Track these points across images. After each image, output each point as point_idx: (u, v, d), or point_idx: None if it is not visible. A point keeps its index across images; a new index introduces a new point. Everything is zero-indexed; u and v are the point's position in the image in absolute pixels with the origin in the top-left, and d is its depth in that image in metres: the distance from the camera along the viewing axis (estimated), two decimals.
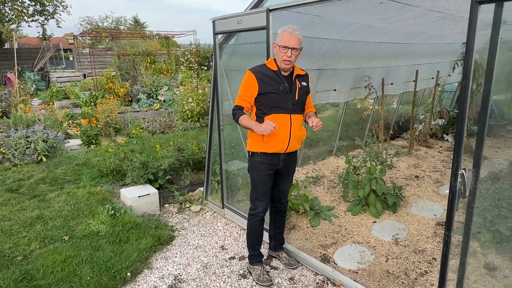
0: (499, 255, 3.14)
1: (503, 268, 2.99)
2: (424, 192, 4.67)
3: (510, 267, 2.99)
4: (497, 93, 7.19)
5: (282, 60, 2.48)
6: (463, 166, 1.95)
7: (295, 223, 3.88)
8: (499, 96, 8.84)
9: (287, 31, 2.44)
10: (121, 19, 35.42)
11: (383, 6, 2.73)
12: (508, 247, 3.16)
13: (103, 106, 8.07)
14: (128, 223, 3.69)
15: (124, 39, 16.63)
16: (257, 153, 2.67)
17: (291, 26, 2.47)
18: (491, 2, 1.68)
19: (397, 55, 5.61)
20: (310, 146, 6.34)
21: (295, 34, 2.43)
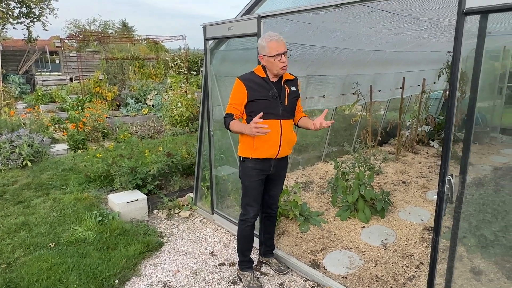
0: (484, 260, 3.21)
1: (488, 272, 3.05)
2: (411, 198, 4.75)
3: (495, 271, 3.05)
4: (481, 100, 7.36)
5: (280, 67, 2.49)
6: (450, 172, 2.00)
7: (285, 228, 3.89)
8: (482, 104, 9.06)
9: (273, 40, 2.46)
10: (109, 22, 35.13)
11: (372, 15, 2.78)
12: (493, 252, 3.23)
13: (91, 110, 7.97)
14: (116, 230, 3.64)
15: (112, 42, 16.49)
16: (248, 159, 2.68)
17: (270, 34, 2.49)
18: (477, 13, 1.73)
19: (384, 63, 5.71)
20: (300, 151, 6.38)
21: (280, 39, 2.47)
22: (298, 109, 2.83)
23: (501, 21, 3.10)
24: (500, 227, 3.46)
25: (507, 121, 8.31)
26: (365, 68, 5.49)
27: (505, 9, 1.65)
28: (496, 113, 8.34)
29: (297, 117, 2.82)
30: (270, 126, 2.54)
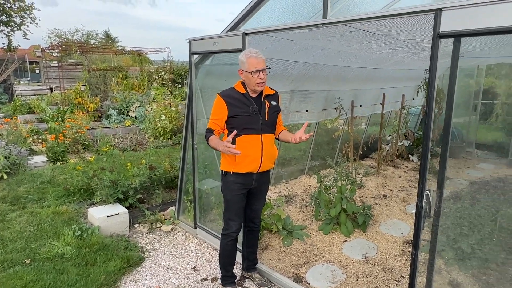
0: (461, 272, 3.29)
1: (465, 284, 3.12)
2: (392, 211, 4.83)
3: (472, 283, 3.13)
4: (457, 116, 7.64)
5: (256, 83, 2.55)
6: (428, 187, 2.06)
7: (268, 242, 3.88)
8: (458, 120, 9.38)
9: (253, 56, 2.51)
10: (92, 33, 34.82)
11: (353, 34, 2.88)
12: (470, 264, 3.32)
13: (71, 121, 7.82)
14: (95, 244, 3.55)
15: (95, 53, 16.32)
16: (230, 173, 2.69)
17: (251, 50, 2.55)
18: (450, 37, 1.83)
19: (365, 79, 5.88)
20: (283, 165, 6.42)
21: (260, 56, 2.53)
22: (279, 123, 2.88)
23: (473, 43, 3.27)
24: (476, 240, 3.57)
25: (481, 137, 8.63)
26: (346, 84, 5.64)
27: (476, 34, 1.75)
28: (472, 128, 8.65)
29: (278, 130, 2.87)
30: (251, 141, 2.58)
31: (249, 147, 2.59)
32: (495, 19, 1.67)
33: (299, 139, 2.55)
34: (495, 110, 8.85)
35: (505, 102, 8.46)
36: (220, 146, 2.46)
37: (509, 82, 8.36)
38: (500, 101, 8.73)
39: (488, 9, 1.69)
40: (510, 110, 8.11)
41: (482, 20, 1.71)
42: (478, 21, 1.72)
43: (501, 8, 1.65)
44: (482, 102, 8.73)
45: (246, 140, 2.58)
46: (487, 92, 8.77)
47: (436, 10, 1.84)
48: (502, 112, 8.52)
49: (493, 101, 9.05)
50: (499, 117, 8.72)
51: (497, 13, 1.66)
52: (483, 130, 8.87)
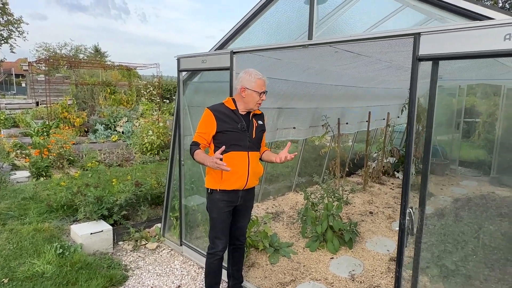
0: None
1: None
2: (378, 228, 4.86)
3: None
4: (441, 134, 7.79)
5: (257, 103, 2.63)
6: (412, 204, 2.10)
7: (254, 260, 3.85)
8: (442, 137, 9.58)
9: (262, 79, 2.62)
10: (81, 47, 34.80)
11: (338, 54, 2.97)
12: (454, 281, 3.35)
13: (57, 136, 7.71)
14: (77, 263, 3.46)
15: (83, 68, 16.27)
16: (216, 191, 2.68)
17: (257, 72, 2.63)
18: (429, 60, 1.91)
19: (351, 97, 6.00)
20: (270, 181, 6.43)
21: (265, 79, 2.64)
22: (262, 143, 2.91)
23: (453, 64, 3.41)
24: (460, 257, 3.61)
25: (464, 154, 8.84)
26: (333, 102, 5.75)
27: (452, 57, 1.83)
28: (455, 146, 8.87)
29: (261, 150, 2.89)
30: (238, 158, 2.60)
31: (236, 164, 2.60)
32: (470, 44, 1.75)
33: (284, 159, 2.60)
34: (476, 128, 9.12)
35: (486, 121, 8.74)
36: (208, 162, 2.44)
37: (489, 101, 8.65)
38: (481, 119, 9.01)
39: (464, 34, 1.78)
40: (490, 129, 8.37)
41: (458, 44, 1.79)
42: (455, 46, 1.80)
43: (476, 34, 1.74)
44: (464, 121, 8.99)
45: (234, 157, 2.60)
46: (469, 111, 9.05)
47: (415, 34, 1.92)
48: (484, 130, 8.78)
49: (475, 120, 9.34)
50: (481, 135, 8.97)
51: (472, 38, 1.75)
52: (466, 147, 9.10)
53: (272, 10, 3.09)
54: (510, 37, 1.63)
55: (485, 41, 1.70)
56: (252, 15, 3.11)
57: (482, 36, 1.70)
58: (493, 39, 1.68)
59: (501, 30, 1.65)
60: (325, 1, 2.71)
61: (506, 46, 1.64)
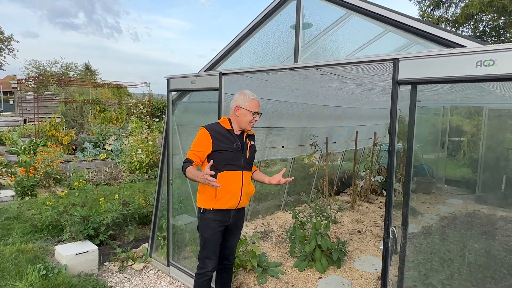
0: None
1: None
2: (366, 247, 4.88)
3: None
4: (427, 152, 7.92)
5: (250, 123, 2.68)
6: (396, 222, 2.15)
7: (242, 280, 3.82)
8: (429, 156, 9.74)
9: (256, 100, 2.69)
10: (71, 64, 34.73)
11: (323, 77, 3.07)
12: None
13: (44, 154, 7.62)
14: (61, 285, 3.38)
15: (73, 86, 16.24)
16: (209, 210, 2.69)
17: (252, 93, 2.71)
18: (408, 84, 2.00)
19: (339, 117, 6.12)
20: (260, 200, 6.43)
21: (259, 101, 2.72)
22: None
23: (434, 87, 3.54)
24: (446, 276, 3.65)
25: (450, 173, 9.01)
26: (321, 121, 5.85)
27: (430, 82, 1.93)
28: (441, 165, 9.04)
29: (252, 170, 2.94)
30: (233, 177, 2.63)
31: (230, 183, 2.63)
32: (445, 69, 1.85)
33: (278, 182, 2.69)
34: (462, 148, 9.34)
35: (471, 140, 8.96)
36: (199, 178, 2.43)
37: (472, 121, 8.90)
38: (466, 138, 9.24)
39: (439, 61, 1.88)
40: (474, 148, 8.57)
41: (434, 70, 1.89)
42: (431, 71, 1.90)
43: (450, 60, 1.84)
44: (449, 140, 9.21)
45: (228, 176, 2.62)
46: (454, 130, 9.28)
47: (394, 59, 2.02)
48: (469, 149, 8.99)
49: (459, 139, 9.57)
50: (466, 154, 9.18)
51: (447, 65, 1.85)
52: (451, 166, 9.28)
53: (260, 34, 3.20)
54: (481, 64, 1.73)
55: (459, 67, 1.80)
56: (241, 38, 3.22)
57: (456, 62, 1.81)
58: (466, 66, 1.78)
59: (473, 57, 1.75)
60: (310, 26, 2.82)
61: (477, 72, 1.74)
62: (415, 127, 2.02)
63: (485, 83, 2.01)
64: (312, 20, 2.88)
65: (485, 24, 14.17)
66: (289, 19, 2.93)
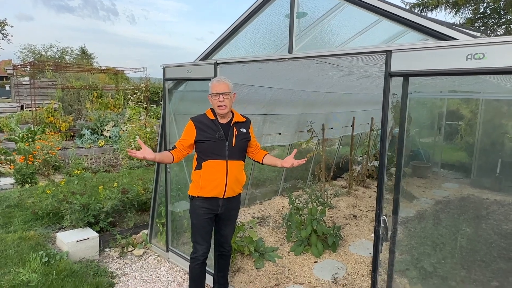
0: None
1: None
2: (361, 231, 4.99)
3: None
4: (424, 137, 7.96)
5: (217, 106, 2.69)
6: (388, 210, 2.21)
7: (240, 265, 3.92)
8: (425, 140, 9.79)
9: (215, 80, 2.73)
10: (67, 49, 34.28)
11: (318, 65, 3.08)
12: (432, 283, 3.48)
13: (42, 142, 7.64)
14: (63, 271, 3.48)
15: (69, 71, 16.10)
16: (195, 197, 2.78)
17: (218, 77, 2.77)
18: (400, 76, 2.02)
19: (335, 103, 6.14)
20: (257, 186, 6.51)
21: (222, 81, 2.70)
22: (256, 148, 2.98)
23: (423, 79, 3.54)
24: (438, 259, 3.75)
25: (446, 157, 9.07)
26: (317, 107, 5.87)
27: (421, 74, 1.95)
28: (437, 149, 9.10)
29: (260, 155, 2.97)
30: (216, 167, 2.69)
31: (213, 172, 2.69)
32: (436, 62, 1.87)
33: (291, 165, 2.73)
34: (459, 131, 9.38)
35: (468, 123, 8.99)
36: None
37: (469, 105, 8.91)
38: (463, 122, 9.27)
39: (431, 53, 1.89)
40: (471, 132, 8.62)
41: (426, 62, 1.91)
42: (423, 63, 1.92)
43: (441, 53, 1.85)
44: (446, 123, 9.24)
45: (211, 165, 2.69)
46: (451, 114, 9.30)
47: (387, 51, 2.04)
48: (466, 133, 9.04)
49: (457, 122, 9.60)
50: (463, 138, 9.23)
51: (438, 57, 1.86)
52: (448, 150, 9.34)
53: (256, 22, 3.18)
54: (472, 57, 1.75)
55: (450, 60, 1.82)
56: (236, 27, 3.20)
57: (447, 55, 1.82)
58: (456, 59, 1.79)
59: (463, 50, 1.77)
60: (305, 15, 2.81)
61: (468, 66, 1.76)
62: (406, 118, 2.05)
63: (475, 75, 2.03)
64: (307, 9, 2.87)
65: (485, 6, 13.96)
66: (284, 8, 2.91)
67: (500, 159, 7.47)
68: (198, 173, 2.75)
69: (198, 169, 2.75)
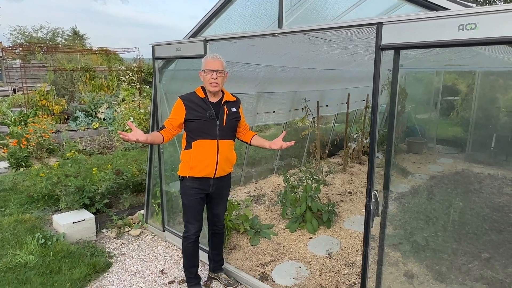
0: (416, 264, 3.51)
1: (419, 275, 3.34)
2: (356, 207, 5.04)
3: (425, 273, 3.35)
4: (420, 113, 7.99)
5: (209, 83, 2.63)
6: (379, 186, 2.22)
7: (235, 243, 3.97)
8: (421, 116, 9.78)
9: (209, 57, 2.64)
10: (58, 30, 33.46)
11: (310, 40, 3.01)
12: (424, 256, 3.55)
13: (35, 125, 7.57)
14: (60, 252, 3.51)
15: (61, 53, 15.78)
16: (186, 177, 2.76)
17: (212, 54, 2.68)
18: (391, 49, 1.98)
19: (330, 80, 6.07)
20: (253, 165, 6.53)
21: (217, 59, 2.63)
22: (245, 129, 2.96)
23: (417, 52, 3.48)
24: (430, 233, 3.81)
25: (442, 132, 9.10)
26: (312, 85, 5.80)
27: (413, 47, 1.90)
28: (433, 125, 9.11)
29: (248, 136, 2.95)
30: (207, 146, 2.66)
31: (204, 152, 2.66)
32: (428, 34, 1.82)
33: (280, 147, 2.69)
34: (455, 107, 9.37)
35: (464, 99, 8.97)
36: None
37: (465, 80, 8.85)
38: (460, 97, 9.24)
39: (422, 25, 1.84)
40: (467, 107, 8.60)
41: (417, 34, 1.86)
42: (414, 35, 1.87)
43: (433, 24, 1.80)
44: (443, 99, 9.21)
45: (202, 145, 2.66)
46: (448, 89, 9.26)
47: (378, 24, 1.98)
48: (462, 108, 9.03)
49: (454, 98, 9.57)
50: (459, 113, 9.23)
51: (429, 29, 1.81)
52: (443, 125, 9.36)
53: None
54: (464, 28, 1.70)
55: (441, 32, 1.77)
56: (226, 1, 3.10)
57: (438, 26, 1.77)
58: (448, 30, 1.75)
59: (455, 20, 1.72)
60: None
61: (460, 36, 1.72)
62: (397, 93, 2.02)
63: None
64: None
65: None
66: None
67: (495, 134, 7.51)
68: (188, 153, 2.72)
69: (188, 148, 2.72)
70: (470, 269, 3.39)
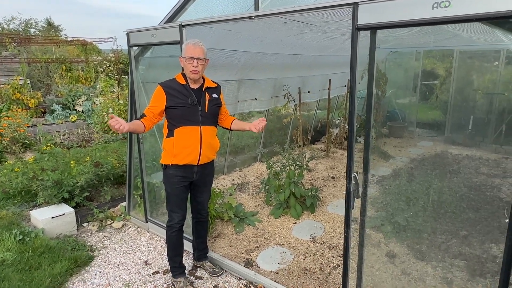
0: (398, 244, 3.58)
1: (401, 254, 3.42)
2: (339, 192, 5.10)
3: (406, 252, 3.43)
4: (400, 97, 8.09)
5: (190, 70, 2.57)
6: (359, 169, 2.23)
7: (220, 231, 3.96)
8: (401, 100, 9.90)
9: (191, 43, 2.56)
10: (31, 21, 32.18)
11: (288, 24, 2.97)
12: (405, 236, 3.63)
13: (9, 120, 7.30)
14: (39, 248, 3.42)
15: (34, 44, 15.20)
16: (169, 165, 2.72)
17: (193, 40, 2.60)
18: (367, 29, 1.96)
19: (311, 66, 6.04)
20: (236, 153, 6.50)
21: (198, 45, 2.56)
22: (226, 115, 2.92)
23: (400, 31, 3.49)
24: (411, 214, 3.89)
25: (422, 116, 9.27)
26: (293, 71, 5.77)
27: (389, 26, 1.89)
28: (413, 109, 9.27)
29: (228, 121, 2.91)
30: (190, 133, 2.62)
31: (187, 139, 2.62)
32: (403, 13, 1.81)
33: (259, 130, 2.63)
34: (435, 91, 9.54)
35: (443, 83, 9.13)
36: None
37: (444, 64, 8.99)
38: (439, 81, 9.41)
39: (398, 3, 1.83)
40: (446, 91, 8.77)
41: (393, 14, 1.84)
42: (390, 15, 1.85)
43: (410, 2, 1.79)
44: (422, 83, 9.36)
45: (185, 132, 2.61)
46: (427, 74, 9.41)
47: (354, 4, 1.96)
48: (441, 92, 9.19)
49: (433, 82, 9.73)
50: (439, 97, 9.40)
51: (404, 7, 1.80)
52: (423, 109, 9.53)
53: None
54: (438, 6, 1.69)
55: (416, 10, 1.76)
56: None
57: (413, 5, 1.76)
58: (423, 8, 1.74)
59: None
60: None
61: (434, 15, 1.71)
62: (374, 73, 2.02)
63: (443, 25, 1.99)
64: None
65: None
66: None
67: (472, 116, 7.70)
68: (170, 141, 2.67)
69: (171, 136, 2.67)
70: (449, 246, 3.49)
